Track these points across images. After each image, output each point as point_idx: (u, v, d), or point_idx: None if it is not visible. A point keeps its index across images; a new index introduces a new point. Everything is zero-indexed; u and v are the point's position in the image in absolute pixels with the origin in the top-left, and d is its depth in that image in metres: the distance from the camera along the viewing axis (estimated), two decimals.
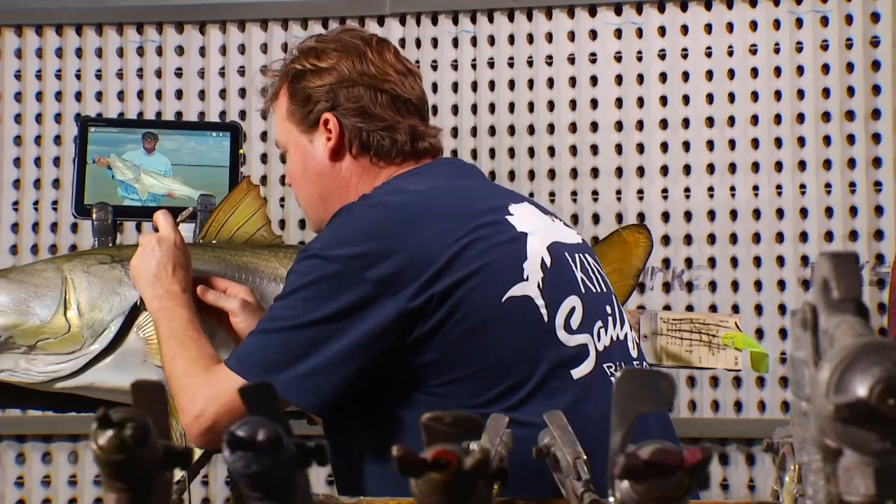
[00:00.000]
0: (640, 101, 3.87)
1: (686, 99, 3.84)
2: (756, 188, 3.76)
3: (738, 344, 2.49)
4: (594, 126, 3.89)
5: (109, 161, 2.51)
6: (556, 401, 1.68)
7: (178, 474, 2.22)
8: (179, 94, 4.06)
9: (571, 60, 3.92)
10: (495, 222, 1.79)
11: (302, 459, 0.75)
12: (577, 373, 1.75)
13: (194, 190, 2.53)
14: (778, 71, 3.79)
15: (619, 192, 3.85)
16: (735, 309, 3.71)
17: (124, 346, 2.22)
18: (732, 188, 3.78)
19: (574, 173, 3.87)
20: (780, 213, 3.75)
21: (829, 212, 3.72)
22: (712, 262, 3.77)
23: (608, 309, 1.86)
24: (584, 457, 1.10)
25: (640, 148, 3.86)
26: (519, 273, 1.75)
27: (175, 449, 0.74)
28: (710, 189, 3.79)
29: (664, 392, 0.78)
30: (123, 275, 2.24)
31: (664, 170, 3.83)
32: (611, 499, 0.76)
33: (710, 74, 3.84)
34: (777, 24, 3.80)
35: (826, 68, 3.76)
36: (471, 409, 1.69)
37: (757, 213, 3.76)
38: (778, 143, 3.77)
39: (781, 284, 3.73)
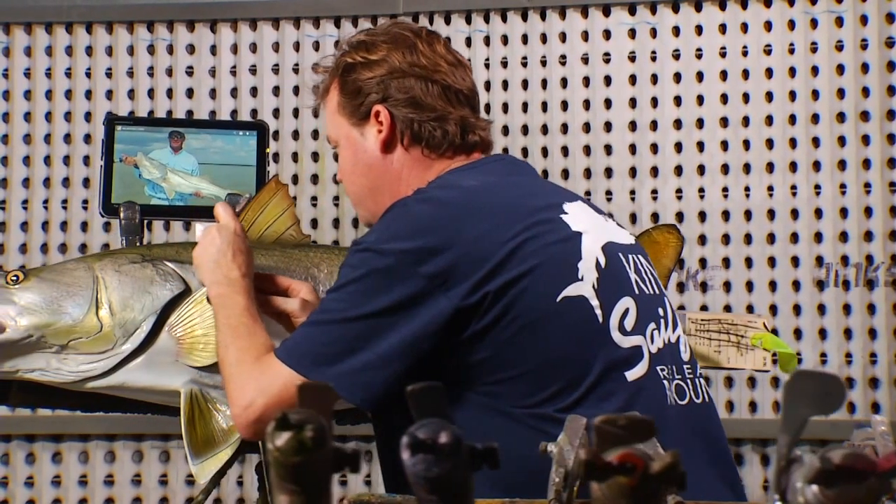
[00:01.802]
0: (654, 101, 3.86)
1: (700, 99, 3.84)
2: (771, 189, 3.76)
3: (767, 344, 2.49)
4: (608, 126, 3.88)
5: (136, 160, 2.50)
6: (609, 403, 1.67)
7: (203, 476, 2.22)
8: (190, 93, 4.04)
9: (585, 60, 3.91)
10: (550, 220, 1.78)
11: (476, 462, 0.74)
12: (631, 375, 1.73)
13: (221, 189, 2.52)
14: (793, 71, 3.78)
15: (632, 192, 3.84)
16: (749, 309, 3.71)
17: (156, 345, 2.21)
18: (747, 188, 3.78)
19: (588, 173, 3.86)
20: (794, 213, 3.74)
21: (843, 212, 3.72)
22: (727, 262, 3.77)
23: (660, 311, 1.84)
24: None
25: (654, 148, 3.85)
26: (574, 273, 1.74)
27: (344, 451, 0.73)
28: (725, 189, 3.78)
29: (833, 396, 0.76)
30: (155, 274, 2.24)
31: (678, 170, 3.83)
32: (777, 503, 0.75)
33: (724, 75, 3.83)
34: (792, 25, 3.79)
35: (841, 69, 3.76)
36: (522, 410, 1.69)
37: (771, 214, 3.75)
38: (793, 143, 3.76)
39: (796, 285, 3.72)
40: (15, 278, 2.20)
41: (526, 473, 1.52)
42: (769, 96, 3.79)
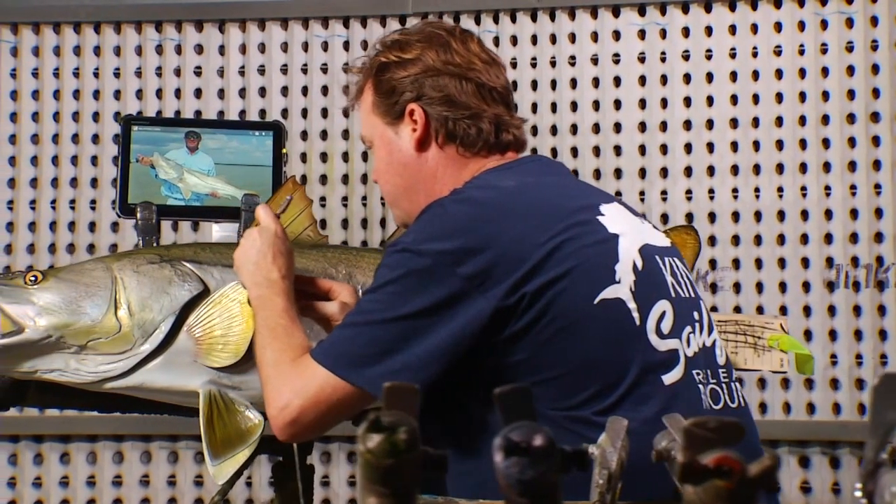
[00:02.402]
0: (664, 102, 3.86)
1: (710, 100, 3.84)
2: (780, 190, 3.76)
3: (784, 346, 2.48)
4: (617, 127, 3.88)
5: (153, 160, 2.50)
6: (646, 406, 1.66)
7: (221, 477, 2.21)
8: (199, 93, 4.03)
9: (595, 61, 3.91)
10: (587, 222, 1.77)
11: (566, 464, 0.73)
12: (668, 378, 1.72)
13: (238, 189, 2.52)
14: (803, 72, 3.78)
15: (642, 193, 3.84)
16: (759, 310, 3.71)
17: (174, 346, 2.20)
18: (757, 190, 3.77)
19: (597, 174, 3.86)
20: (804, 214, 3.74)
21: (854, 214, 3.72)
22: (737, 263, 3.76)
23: (695, 315, 1.83)
24: None
25: (664, 149, 3.85)
26: (611, 275, 1.73)
27: (432, 454, 0.73)
28: (735, 190, 3.78)
29: None
30: (173, 274, 2.23)
31: (688, 171, 3.83)
32: None
33: (734, 76, 3.83)
34: (802, 26, 3.79)
35: (851, 70, 3.76)
36: (558, 412, 1.68)
37: (781, 215, 3.75)
38: (803, 144, 3.76)
39: (806, 286, 3.72)
40: (34, 279, 2.19)
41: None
42: (779, 97, 3.79)
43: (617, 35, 3.90)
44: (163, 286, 2.21)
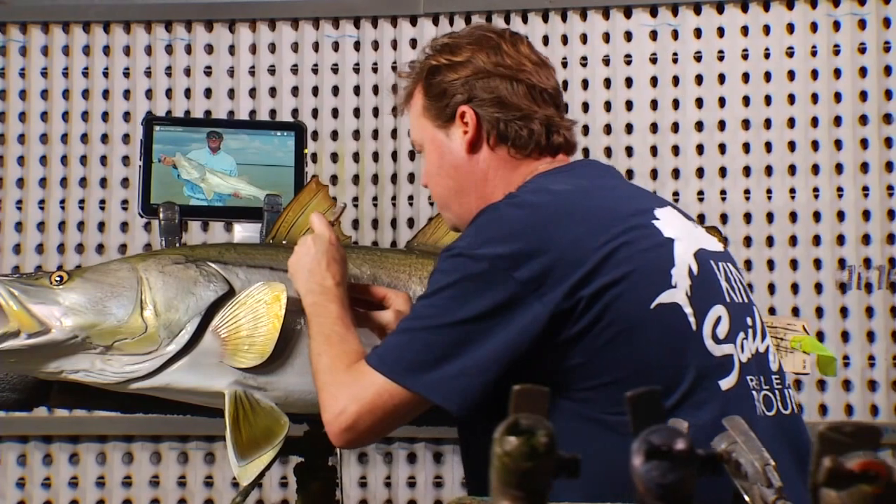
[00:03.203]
0: (676, 103, 3.86)
1: (722, 101, 3.84)
2: (793, 191, 3.76)
3: (806, 347, 2.48)
4: (629, 128, 3.88)
5: (175, 160, 2.49)
6: (702, 411, 1.65)
7: (246, 478, 2.20)
8: (208, 93, 4.02)
9: (606, 62, 3.91)
10: (642, 226, 1.77)
11: (703, 468, 0.72)
12: (724, 384, 1.71)
13: (260, 190, 2.51)
14: (815, 74, 3.78)
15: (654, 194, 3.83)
16: (771, 311, 3.71)
17: (200, 346, 2.19)
18: (769, 191, 3.77)
19: None
20: (816, 216, 3.74)
21: (866, 215, 3.72)
22: (748, 264, 3.76)
23: (749, 321, 1.82)
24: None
25: (676, 150, 3.85)
26: (667, 280, 1.72)
27: (565, 458, 0.72)
28: (747, 192, 3.78)
29: None
30: (198, 275, 2.22)
31: (699, 172, 3.82)
32: None
33: (746, 77, 3.83)
34: (814, 27, 3.79)
35: (864, 71, 3.76)
36: (614, 416, 1.67)
37: (794, 216, 3.75)
38: (815, 146, 3.76)
39: (818, 287, 3.72)
40: (59, 279, 2.18)
41: (619, 481, 1.50)
42: (791, 99, 3.79)
43: (629, 36, 3.90)
44: (188, 287, 2.20)
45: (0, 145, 4.02)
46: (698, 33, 3.87)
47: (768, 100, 3.81)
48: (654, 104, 3.87)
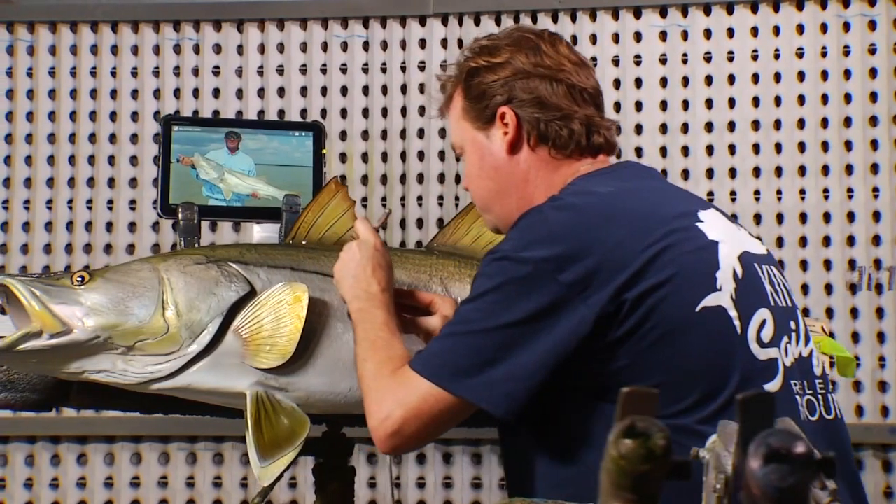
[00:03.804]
0: (686, 104, 3.86)
1: (732, 102, 3.83)
2: (803, 192, 3.75)
3: (825, 348, 2.47)
4: (638, 128, 3.88)
5: (193, 160, 2.48)
6: None
7: (267, 479, 2.19)
8: (217, 93, 4.02)
9: (616, 62, 3.91)
10: (686, 228, 1.76)
11: (814, 472, 0.72)
12: (769, 388, 1.70)
13: (278, 190, 2.51)
14: (825, 75, 3.78)
15: None
16: None
17: (221, 347, 2.19)
18: (779, 192, 3.77)
19: None
20: (827, 217, 3.74)
21: (876, 216, 3.72)
22: None
23: (792, 324, 1.81)
24: None
25: (685, 151, 3.85)
26: (712, 283, 1.72)
27: (678, 461, 0.72)
28: (757, 193, 3.78)
29: None
30: (220, 275, 2.22)
31: (709, 173, 3.82)
32: None
33: (756, 78, 3.83)
34: (824, 28, 3.79)
35: (874, 72, 3.75)
36: (658, 420, 1.67)
37: (804, 217, 3.75)
38: (825, 146, 3.76)
39: (828, 288, 3.72)
40: (80, 279, 2.17)
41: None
42: (801, 100, 3.79)
43: (638, 36, 3.90)
44: (210, 287, 2.20)
45: (8, 145, 4.01)
46: (708, 34, 3.87)
47: (778, 101, 3.81)
48: (664, 105, 3.87)
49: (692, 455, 1.11)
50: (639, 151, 3.86)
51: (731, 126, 3.82)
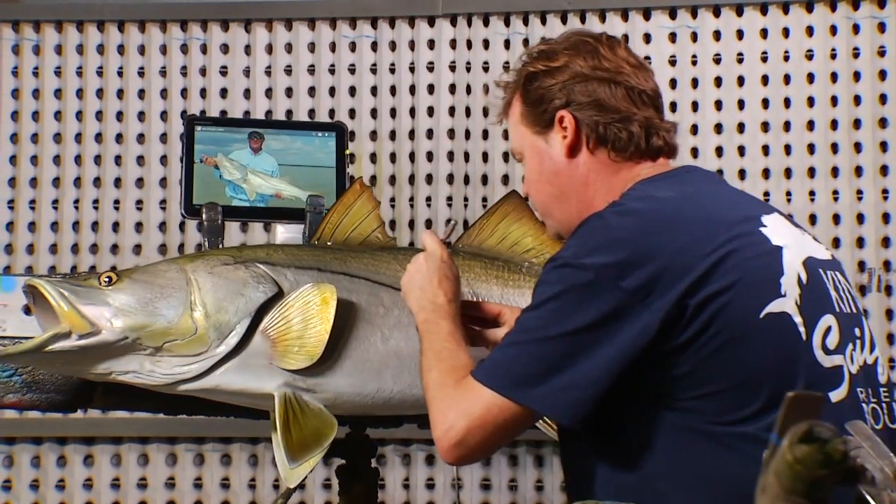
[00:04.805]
0: (695, 105, 3.86)
1: (741, 103, 3.84)
2: (812, 193, 3.76)
3: None
4: None
5: (216, 160, 2.48)
6: None
7: (294, 480, 2.18)
8: (224, 93, 4.00)
9: None
10: (750, 233, 1.74)
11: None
12: (834, 396, 1.69)
13: (302, 190, 2.51)
14: (834, 76, 3.79)
15: None
16: None
17: (249, 348, 2.19)
18: (788, 193, 3.78)
19: None
20: (836, 218, 3.74)
21: (885, 217, 3.72)
22: None
23: (857, 331, 1.79)
24: None
25: (695, 152, 3.85)
26: (776, 288, 1.70)
27: (854, 466, 0.71)
28: (766, 194, 3.78)
29: None
30: (248, 276, 2.21)
31: (719, 174, 3.81)
32: None
33: (765, 79, 3.83)
34: (833, 30, 3.80)
35: (883, 74, 3.76)
36: (719, 427, 1.65)
37: (813, 219, 3.75)
38: (834, 148, 3.77)
39: None
40: (108, 279, 2.17)
41: (721, 492, 1.49)
42: (810, 101, 3.80)
43: (647, 38, 3.90)
44: (238, 288, 2.19)
45: (13, 144, 3.99)
46: (717, 35, 3.87)
47: (787, 102, 3.81)
48: (673, 106, 3.87)
49: (766, 457, 1.10)
50: None
51: (741, 128, 3.83)
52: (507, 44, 3.93)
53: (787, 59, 3.83)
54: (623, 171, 1.90)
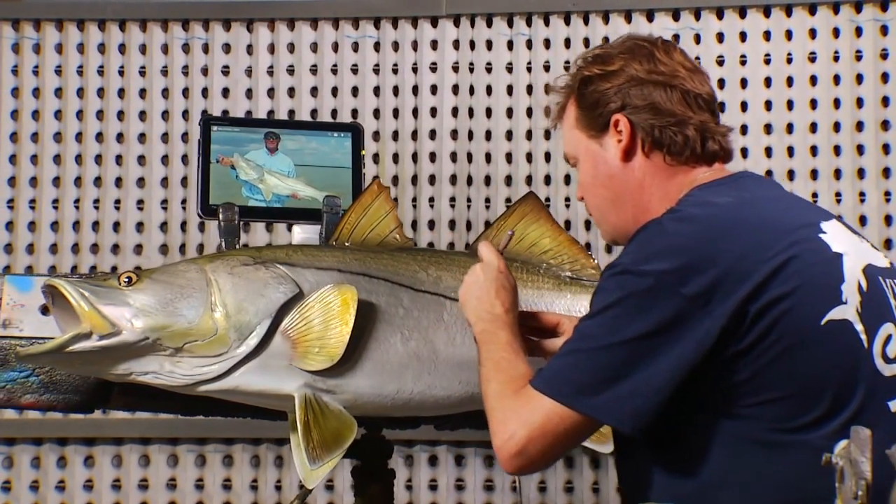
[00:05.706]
0: None
1: (744, 105, 3.84)
2: (815, 196, 3.76)
3: None
4: None
5: (233, 161, 2.47)
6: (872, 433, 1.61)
7: (313, 482, 2.17)
8: (226, 93, 3.99)
9: None
10: (809, 239, 1.73)
11: None
12: (894, 405, 1.69)
13: (318, 191, 2.50)
14: (837, 79, 3.80)
15: None
16: None
17: (269, 348, 2.18)
18: None
19: None
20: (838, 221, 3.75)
21: (888, 220, 3.74)
22: None
23: None
24: None
25: None
26: (837, 295, 1.69)
27: None
28: None
29: None
30: (268, 276, 2.20)
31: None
32: None
33: (768, 81, 3.84)
34: (836, 33, 3.81)
35: (886, 77, 3.78)
36: (779, 434, 1.64)
37: None
38: (837, 151, 3.78)
39: None
40: (128, 279, 2.16)
41: (781, 501, 1.48)
42: (813, 104, 3.81)
43: None
44: (258, 288, 2.19)
45: (13, 144, 3.97)
46: (720, 37, 3.88)
47: (790, 104, 3.82)
48: None
49: (824, 461, 1.10)
50: None
51: (744, 129, 3.83)
52: (510, 45, 3.93)
53: (789, 61, 3.84)
54: (679, 176, 1.89)
